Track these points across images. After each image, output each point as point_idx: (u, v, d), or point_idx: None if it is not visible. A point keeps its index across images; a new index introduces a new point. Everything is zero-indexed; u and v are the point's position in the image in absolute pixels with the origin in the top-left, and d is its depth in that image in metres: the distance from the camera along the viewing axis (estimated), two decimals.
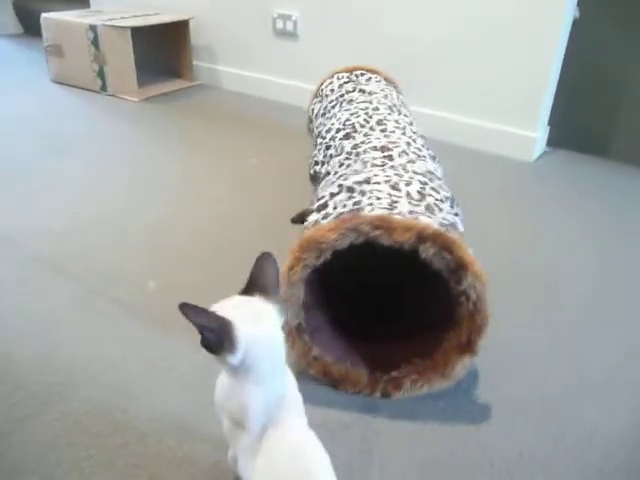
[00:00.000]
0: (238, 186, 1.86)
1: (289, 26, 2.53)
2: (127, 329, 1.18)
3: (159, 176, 1.91)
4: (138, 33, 2.51)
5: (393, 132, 1.30)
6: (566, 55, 2.09)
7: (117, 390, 1.02)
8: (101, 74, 2.63)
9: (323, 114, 1.63)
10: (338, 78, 1.74)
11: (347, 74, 1.74)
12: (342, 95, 1.62)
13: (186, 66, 2.89)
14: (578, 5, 2.02)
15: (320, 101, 1.73)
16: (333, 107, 1.59)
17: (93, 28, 2.54)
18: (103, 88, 2.66)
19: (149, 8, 2.83)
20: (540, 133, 2.17)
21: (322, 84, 1.78)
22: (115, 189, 1.80)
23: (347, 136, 1.34)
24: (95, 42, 2.56)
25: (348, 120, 1.41)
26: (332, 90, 1.70)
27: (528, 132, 2.15)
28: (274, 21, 2.57)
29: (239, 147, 2.17)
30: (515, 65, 2.07)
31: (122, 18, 2.59)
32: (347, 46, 2.43)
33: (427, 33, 2.21)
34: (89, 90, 2.68)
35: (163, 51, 2.90)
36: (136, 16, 2.66)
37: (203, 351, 0.65)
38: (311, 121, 1.76)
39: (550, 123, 2.23)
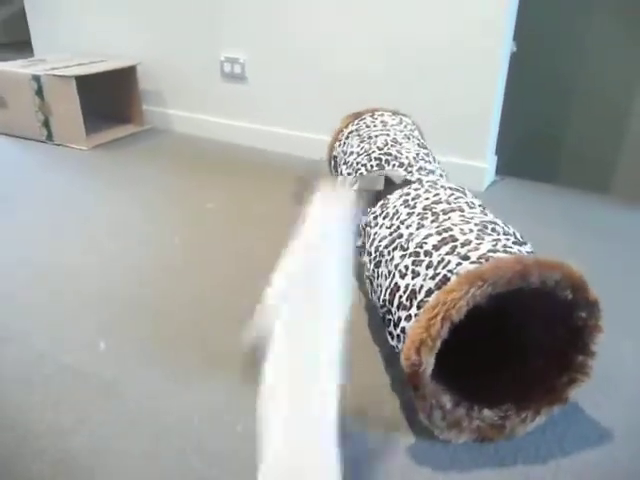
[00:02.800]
0: (194, 231, 1.83)
1: (237, 69, 2.55)
2: (76, 397, 1.12)
3: (110, 225, 1.86)
4: (84, 81, 2.48)
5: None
6: (507, 86, 2.16)
7: (68, 467, 0.96)
8: (47, 124, 2.57)
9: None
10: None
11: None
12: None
13: (136, 111, 2.86)
14: (514, 39, 2.10)
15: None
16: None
17: (36, 78, 2.49)
18: (49, 138, 2.60)
19: (95, 55, 2.81)
20: (489, 163, 2.22)
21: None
22: (64, 242, 1.74)
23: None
24: (39, 92, 2.51)
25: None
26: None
27: (478, 162, 2.20)
28: (222, 64, 2.58)
29: (193, 190, 2.14)
30: (460, 99, 2.13)
31: (66, 67, 2.55)
32: (294, 86, 2.46)
33: (370, 69, 2.25)
34: (35, 140, 2.62)
35: (112, 97, 2.87)
36: (81, 64, 2.63)
37: (162, 417, 0.62)
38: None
39: (497, 152, 2.30)
